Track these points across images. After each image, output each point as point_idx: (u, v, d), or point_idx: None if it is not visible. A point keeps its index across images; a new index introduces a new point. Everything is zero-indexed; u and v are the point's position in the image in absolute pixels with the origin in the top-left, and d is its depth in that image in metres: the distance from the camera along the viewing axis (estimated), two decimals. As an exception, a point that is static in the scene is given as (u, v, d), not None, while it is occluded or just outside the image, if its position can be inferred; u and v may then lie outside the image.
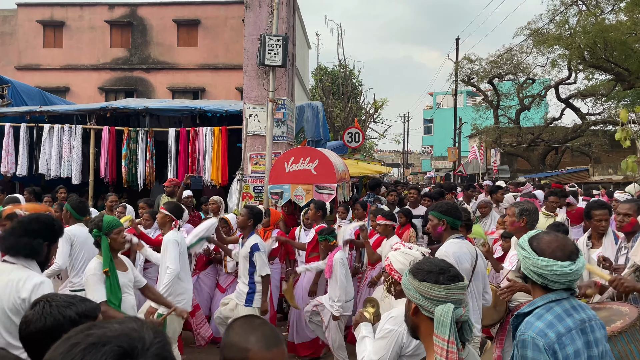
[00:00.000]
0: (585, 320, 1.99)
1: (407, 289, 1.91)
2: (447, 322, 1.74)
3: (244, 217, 5.15)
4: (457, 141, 29.51)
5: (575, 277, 1.99)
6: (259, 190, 8.07)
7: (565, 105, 25.76)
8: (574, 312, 1.99)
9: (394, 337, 2.38)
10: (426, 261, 1.96)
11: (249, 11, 8.18)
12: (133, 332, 0.95)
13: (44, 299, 1.77)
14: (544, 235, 2.10)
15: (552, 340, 1.91)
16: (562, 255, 1.99)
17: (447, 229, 3.58)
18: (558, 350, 1.90)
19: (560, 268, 1.96)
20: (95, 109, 9.47)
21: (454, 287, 1.83)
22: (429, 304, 1.82)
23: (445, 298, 1.80)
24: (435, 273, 1.85)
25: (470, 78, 27.68)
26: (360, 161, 14.52)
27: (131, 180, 9.18)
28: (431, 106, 52.34)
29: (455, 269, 1.91)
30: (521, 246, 2.11)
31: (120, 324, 0.97)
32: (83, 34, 23.16)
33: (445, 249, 3.46)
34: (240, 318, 1.54)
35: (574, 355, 1.91)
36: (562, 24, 21.56)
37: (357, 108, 29.60)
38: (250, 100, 8.18)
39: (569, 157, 28.78)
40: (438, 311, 1.77)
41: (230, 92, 21.99)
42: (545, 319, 1.96)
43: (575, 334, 1.94)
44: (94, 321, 1.73)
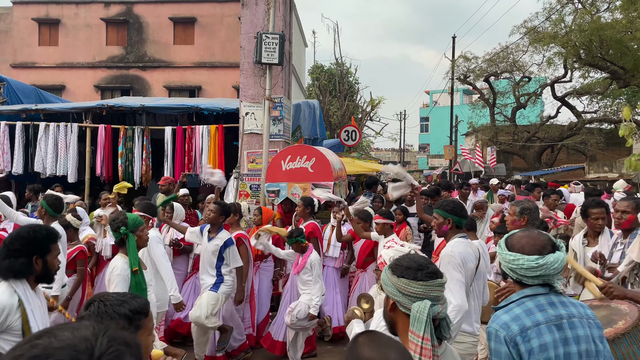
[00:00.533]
0: (563, 316, 1.97)
1: (385, 285, 1.91)
2: (423, 318, 1.74)
3: (215, 214, 5.17)
4: (454, 139, 29.56)
5: (547, 273, 1.98)
6: (256, 188, 8.07)
7: (561, 103, 25.83)
8: (549, 308, 1.98)
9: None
10: (405, 257, 1.94)
11: (245, 9, 8.17)
12: (82, 342, 0.87)
13: (97, 298, 1.79)
14: (519, 232, 2.13)
15: (515, 332, 1.94)
16: (530, 250, 2.01)
17: (452, 228, 3.58)
18: (520, 343, 1.92)
19: (527, 262, 1.98)
20: (91, 107, 9.44)
21: (432, 283, 1.82)
22: (406, 301, 1.82)
23: (422, 295, 1.80)
24: (414, 269, 1.85)
25: (466, 76, 27.71)
26: (357, 159, 14.53)
27: (127, 178, 9.15)
28: (428, 104, 52.42)
29: (434, 265, 1.91)
30: (500, 245, 2.15)
31: (73, 332, 0.89)
32: (79, 32, 23.06)
33: (452, 248, 3.44)
34: (364, 333, 1.55)
35: (539, 349, 1.91)
36: (558, 22, 21.60)
37: (354, 106, 29.60)
38: (247, 98, 8.18)
39: (565, 155, 28.88)
40: (415, 307, 1.77)
41: (226, 90, 21.94)
42: (512, 313, 2.00)
43: (545, 329, 1.93)
44: (145, 317, 1.79)
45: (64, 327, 0.91)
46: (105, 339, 0.89)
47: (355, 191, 12.79)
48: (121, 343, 0.91)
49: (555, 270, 1.98)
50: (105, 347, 0.88)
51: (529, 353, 1.92)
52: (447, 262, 3.39)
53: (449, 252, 3.43)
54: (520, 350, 1.93)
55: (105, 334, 0.90)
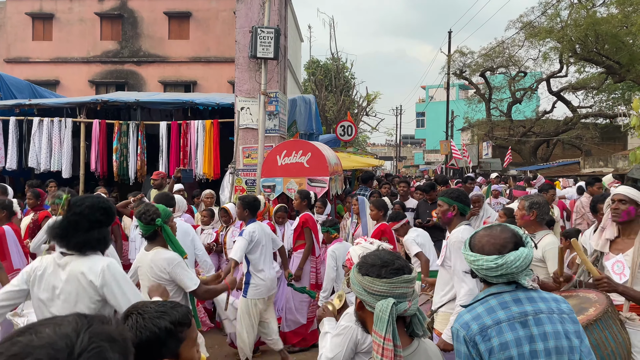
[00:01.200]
0: (528, 313, 1.91)
1: (352, 284, 1.87)
2: (384, 317, 1.68)
3: (239, 209, 5.19)
4: (450, 134, 29.58)
5: (508, 272, 1.91)
6: (252, 183, 8.05)
7: (557, 98, 25.88)
8: (513, 305, 1.92)
9: (348, 334, 2.32)
10: (371, 254, 1.88)
11: (240, 3, 8.12)
12: (62, 339, 0.85)
13: (135, 310, 1.67)
14: (481, 231, 2.07)
15: (474, 332, 1.90)
16: (489, 250, 1.95)
17: (457, 215, 3.63)
18: (479, 342, 1.88)
19: (486, 262, 1.93)
20: (86, 102, 9.39)
21: (397, 280, 1.76)
22: (371, 299, 1.77)
23: (386, 292, 1.75)
24: (378, 266, 1.80)
25: (462, 71, 27.72)
26: (353, 154, 14.52)
27: (122, 173, 9.12)
28: (424, 99, 52.43)
29: (401, 261, 1.83)
30: (464, 243, 2.10)
31: (54, 327, 0.87)
32: (73, 27, 22.89)
33: (461, 234, 3.49)
34: None
35: (500, 348, 1.86)
36: (553, 17, 21.61)
37: (350, 101, 29.57)
38: (242, 93, 8.14)
39: (560, 150, 28.97)
40: (377, 307, 1.71)
41: (222, 85, 21.86)
42: (474, 312, 1.95)
43: (507, 327, 1.88)
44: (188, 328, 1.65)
45: (47, 323, 0.89)
46: (87, 335, 0.87)
47: (351, 186, 12.79)
48: (104, 339, 0.88)
49: (518, 268, 1.92)
50: (86, 344, 0.85)
51: (489, 352, 1.87)
52: (458, 248, 3.39)
53: (459, 238, 3.44)
54: (480, 350, 1.88)
55: (87, 330, 0.87)
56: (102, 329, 0.90)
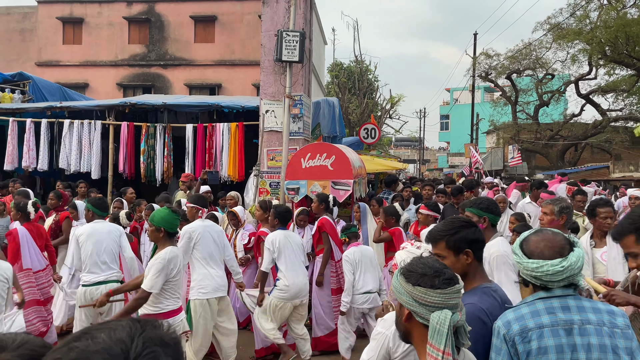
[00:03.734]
0: (574, 322, 1.88)
1: (399, 293, 1.76)
2: (443, 330, 1.60)
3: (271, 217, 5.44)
4: (474, 137, 29.23)
5: (572, 273, 1.91)
6: (276, 186, 8.09)
7: (586, 101, 25.33)
8: (560, 312, 1.90)
9: (381, 340, 2.30)
10: (419, 262, 1.79)
11: (266, 7, 8.19)
12: (117, 344, 0.86)
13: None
14: (532, 236, 2.03)
15: (514, 332, 1.90)
16: (551, 254, 1.93)
17: (488, 227, 3.32)
18: (518, 342, 1.88)
19: (552, 267, 1.90)
20: (114, 105, 9.58)
21: (450, 291, 1.68)
22: (424, 311, 1.68)
23: (441, 304, 1.66)
24: (430, 276, 1.71)
25: (488, 73, 27.36)
26: (376, 157, 14.47)
27: (149, 175, 9.28)
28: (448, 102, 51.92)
29: (450, 270, 1.77)
30: (514, 251, 2.06)
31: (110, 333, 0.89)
32: (102, 31, 23.41)
33: (503, 247, 3.20)
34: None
35: (537, 352, 1.85)
36: (582, 19, 21.19)
37: (373, 104, 29.48)
38: (267, 96, 8.20)
39: (589, 154, 28.31)
40: (434, 318, 1.63)
41: (246, 88, 22.06)
42: (518, 312, 1.95)
43: (549, 332, 1.87)
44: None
45: (102, 328, 0.91)
46: (141, 340, 0.88)
47: (374, 189, 12.74)
48: (157, 343, 0.89)
49: (579, 268, 1.92)
50: (140, 348, 0.87)
51: (527, 354, 1.87)
52: (502, 263, 3.13)
53: (501, 252, 3.15)
54: (518, 350, 1.89)
55: (141, 335, 0.89)
56: (155, 334, 0.91)
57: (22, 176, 9.95)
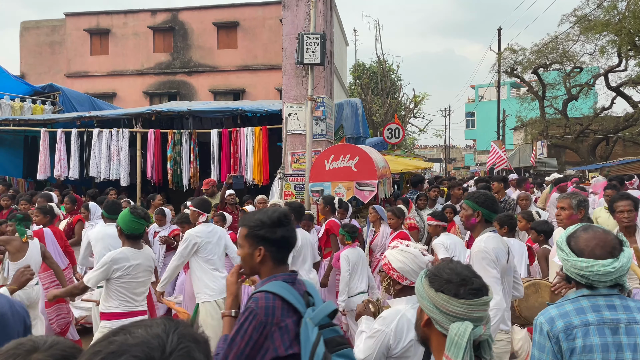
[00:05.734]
0: (621, 320, 1.84)
1: (420, 297, 1.67)
2: (462, 344, 1.49)
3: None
4: (502, 134, 28.76)
5: (622, 274, 1.86)
6: (300, 188, 8.13)
7: (616, 93, 24.64)
8: (606, 310, 1.86)
9: (380, 338, 2.26)
10: (446, 267, 1.67)
11: (286, 11, 8.24)
12: (154, 339, 0.91)
13: None
14: (581, 233, 1.96)
15: (559, 329, 1.86)
16: (602, 253, 1.87)
17: (481, 221, 3.38)
18: (563, 340, 1.85)
19: (602, 267, 1.85)
20: (141, 113, 9.78)
21: (476, 302, 1.56)
22: (444, 319, 1.58)
23: (463, 315, 1.55)
24: (456, 284, 1.59)
25: (513, 69, 26.89)
26: (401, 157, 14.39)
27: (176, 181, 9.43)
28: (473, 99, 51.25)
29: (479, 280, 1.63)
30: (560, 247, 2.00)
31: (146, 329, 0.94)
32: (127, 41, 23.91)
33: (485, 243, 3.28)
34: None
35: (582, 350, 1.82)
36: (610, 9, 20.64)
37: (397, 103, 29.31)
38: (290, 99, 8.24)
39: (621, 148, 27.52)
40: (453, 330, 1.53)
41: (269, 92, 22.22)
42: (562, 309, 1.91)
43: (595, 330, 1.83)
44: None
45: (138, 325, 0.97)
46: (176, 336, 0.93)
47: (399, 189, 12.67)
48: (191, 340, 0.94)
49: (627, 269, 1.88)
50: (175, 343, 0.92)
51: (571, 352, 1.84)
52: (481, 258, 3.24)
53: (482, 248, 3.25)
54: (562, 348, 1.86)
55: (175, 331, 0.94)
56: (189, 331, 0.96)
57: (54, 185, 10.24)
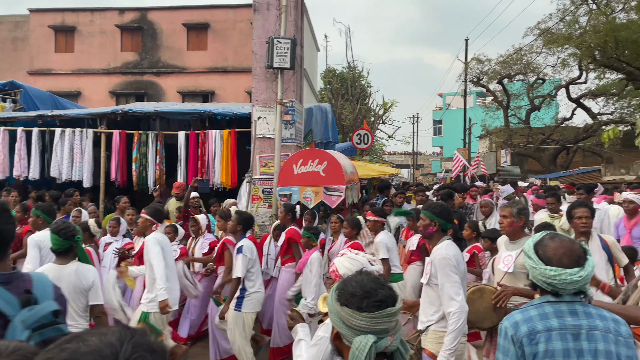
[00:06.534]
0: (583, 327, 1.90)
1: (330, 312, 1.64)
2: (361, 357, 1.48)
3: (233, 222, 5.20)
4: (467, 142, 29.37)
5: (586, 282, 1.93)
6: (268, 192, 8.10)
7: (576, 105, 25.56)
8: (568, 316, 1.92)
9: (324, 345, 2.26)
10: (353, 280, 1.64)
11: (257, 14, 8.23)
12: (107, 347, 0.88)
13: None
14: (549, 242, 2.02)
15: (522, 334, 1.91)
16: (570, 262, 1.93)
17: (438, 231, 3.60)
18: (526, 344, 1.90)
19: (570, 276, 1.90)
20: (106, 113, 9.57)
21: (379, 315, 1.53)
22: (349, 333, 1.56)
23: (366, 328, 1.53)
24: (359, 297, 1.56)
25: (479, 78, 27.56)
26: (369, 163, 14.52)
27: (141, 182, 9.26)
28: (441, 107, 52.18)
29: (385, 291, 1.59)
30: (528, 255, 2.05)
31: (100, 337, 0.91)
32: (94, 39, 23.39)
33: (446, 251, 3.46)
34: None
35: (544, 355, 1.87)
36: (572, 24, 21.41)
37: (366, 110, 29.58)
38: (259, 102, 8.22)
39: (581, 158, 28.53)
40: (355, 344, 1.51)
41: (239, 94, 22.09)
42: (526, 314, 1.96)
43: (557, 335, 1.88)
44: None
45: (93, 333, 0.94)
46: (130, 344, 0.90)
47: (367, 195, 12.77)
48: (146, 349, 0.91)
49: (591, 277, 1.94)
50: (129, 352, 0.89)
51: (534, 356, 1.89)
52: (444, 265, 3.41)
53: (444, 255, 3.43)
54: (525, 352, 1.91)
55: (130, 340, 0.91)
56: (144, 340, 0.93)
57: (14, 185, 9.90)
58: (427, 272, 3.56)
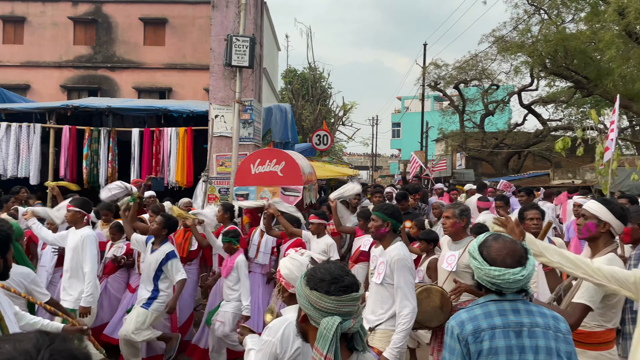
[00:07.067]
0: (524, 324, 1.96)
1: (298, 295, 1.81)
2: (328, 336, 1.63)
3: (158, 226, 5.11)
4: (424, 145, 29.95)
5: (527, 281, 1.99)
6: (225, 192, 7.99)
7: (528, 111, 26.45)
8: (511, 314, 1.98)
9: (268, 349, 2.28)
10: (322, 267, 1.82)
11: (215, 11, 8.11)
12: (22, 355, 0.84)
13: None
14: (492, 242, 2.08)
15: (468, 332, 1.96)
16: (512, 262, 1.99)
17: (390, 232, 3.64)
18: (471, 342, 1.95)
19: (512, 276, 1.97)
20: (55, 108, 9.20)
21: (345, 298, 1.71)
22: (317, 315, 1.72)
23: (333, 310, 1.70)
24: (328, 282, 1.73)
25: (437, 83, 28.12)
26: (328, 164, 14.57)
27: (92, 180, 8.96)
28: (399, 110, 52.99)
29: (350, 278, 1.78)
30: (472, 255, 2.11)
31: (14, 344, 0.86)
32: (45, 31, 22.48)
33: (402, 251, 3.52)
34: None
35: (488, 352, 1.92)
36: (524, 32, 22.13)
37: (326, 111, 29.70)
38: (217, 100, 8.10)
39: (531, 162, 29.56)
40: (323, 324, 1.66)
41: (197, 92, 21.72)
42: (472, 313, 2.01)
43: (500, 333, 1.94)
44: None
45: (7, 339, 0.87)
46: (48, 352, 0.85)
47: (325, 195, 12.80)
48: (65, 357, 0.86)
49: (532, 276, 2.01)
50: None
51: (478, 354, 1.94)
52: (402, 266, 3.45)
53: (401, 255, 3.49)
54: (471, 350, 1.95)
55: (48, 347, 0.86)
56: (64, 347, 0.88)
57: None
58: (381, 272, 3.58)
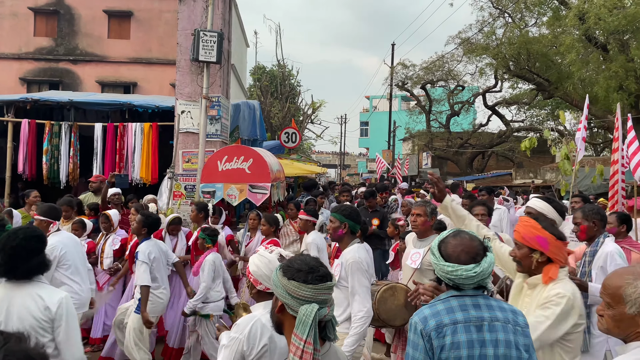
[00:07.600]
0: (484, 318, 2.01)
1: (275, 286, 1.89)
2: (308, 322, 1.73)
3: (138, 225, 5.00)
4: (392, 144, 30.26)
5: (483, 277, 2.03)
6: (191, 189, 7.88)
7: (492, 112, 27.09)
8: (472, 309, 2.02)
9: (235, 346, 2.29)
10: (298, 259, 1.92)
11: (182, 5, 7.98)
12: None
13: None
14: (451, 239, 2.13)
15: (431, 327, 2.00)
16: (466, 259, 2.03)
17: (347, 233, 3.63)
18: (434, 338, 1.98)
19: (465, 272, 2.01)
20: (14, 101, 8.89)
21: (321, 287, 1.82)
22: (295, 303, 1.82)
23: (311, 298, 1.80)
24: (305, 272, 1.84)
25: (404, 83, 28.45)
26: (297, 161, 14.54)
27: (52, 176, 8.69)
28: (367, 109, 53.39)
29: (325, 268, 1.89)
30: (432, 251, 2.16)
31: None
32: (4, 21, 21.63)
33: (357, 253, 3.49)
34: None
35: (450, 347, 1.96)
36: (489, 35, 22.61)
37: (295, 108, 29.62)
38: (183, 96, 7.98)
39: (495, 162, 30.29)
40: (302, 311, 1.76)
41: (164, 87, 21.30)
42: (434, 309, 2.05)
43: (462, 328, 1.98)
44: None
45: None
46: (2, 353, 0.82)
47: (293, 193, 12.79)
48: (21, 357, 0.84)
49: (489, 273, 2.04)
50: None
51: (441, 349, 1.97)
52: (356, 269, 3.41)
53: (356, 258, 3.45)
54: (433, 345, 1.98)
55: (2, 347, 0.83)
56: (20, 347, 0.85)
57: None
58: (336, 274, 3.53)
